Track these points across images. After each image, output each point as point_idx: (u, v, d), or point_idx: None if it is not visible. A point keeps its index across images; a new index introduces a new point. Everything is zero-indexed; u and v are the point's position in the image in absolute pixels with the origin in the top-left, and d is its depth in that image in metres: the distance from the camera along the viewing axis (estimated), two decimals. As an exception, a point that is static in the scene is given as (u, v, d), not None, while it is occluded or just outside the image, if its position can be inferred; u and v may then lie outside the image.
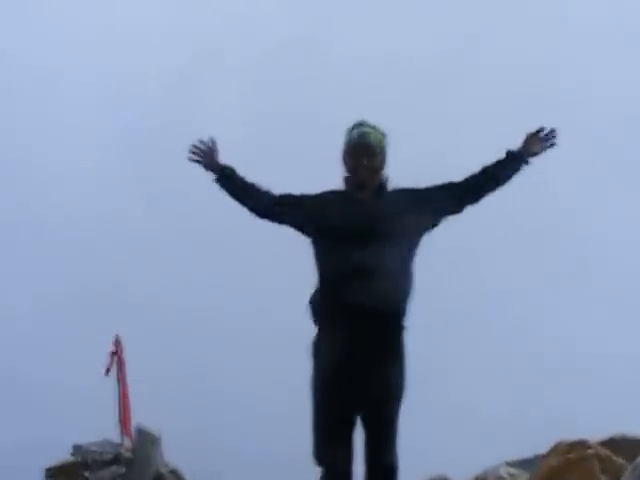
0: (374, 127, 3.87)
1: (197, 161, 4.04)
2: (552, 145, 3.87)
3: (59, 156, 7.86)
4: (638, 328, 6.82)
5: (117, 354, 6.59)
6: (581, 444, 4.98)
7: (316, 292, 3.80)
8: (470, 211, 3.90)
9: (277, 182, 3.88)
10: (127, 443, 6.77)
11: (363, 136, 3.80)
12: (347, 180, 3.85)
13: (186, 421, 7.13)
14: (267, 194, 3.96)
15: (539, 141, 3.85)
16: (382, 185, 3.84)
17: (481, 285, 6.92)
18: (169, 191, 7.03)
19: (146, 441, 6.53)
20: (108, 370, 6.67)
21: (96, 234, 7.62)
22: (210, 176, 4.01)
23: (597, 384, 6.71)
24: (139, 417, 6.69)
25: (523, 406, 6.73)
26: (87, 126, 7.36)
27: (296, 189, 3.91)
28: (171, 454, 6.72)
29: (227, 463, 6.93)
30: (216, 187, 4.00)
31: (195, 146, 4.03)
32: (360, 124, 3.88)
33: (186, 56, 7.41)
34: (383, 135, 3.88)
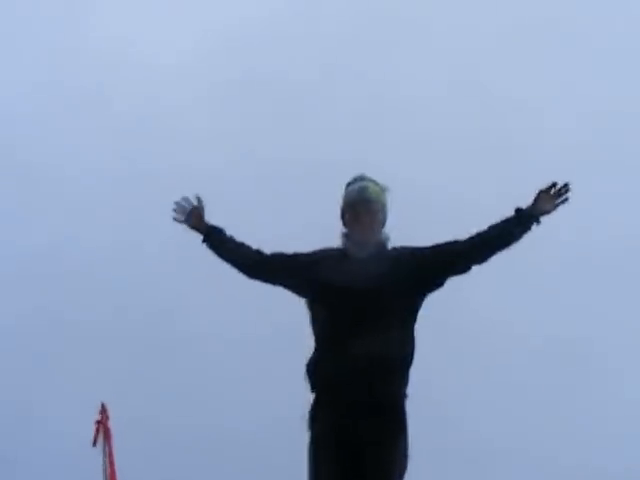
0: (375, 181, 3.68)
1: (182, 220, 3.83)
2: (565, 201, 3.62)
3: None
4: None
5: (102, 422, 6.23)
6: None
7: (313, 360, 3.57)
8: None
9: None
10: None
11: (364, 191, 3.60)
12: (346, 237, 3.63)
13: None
14: (258, 254, 3.74)
15: (551, 198, 3.61)
16: (383, 243, 3.62)
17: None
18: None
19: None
20: (95, 441, 6.30)
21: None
22: (196, 236, 3.78)
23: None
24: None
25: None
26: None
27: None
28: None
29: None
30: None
31: (179, 204, 3.83)
32: (360, 178, 3.69)
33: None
34: (384, 190, 3.68)
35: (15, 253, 6.98)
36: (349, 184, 3.70)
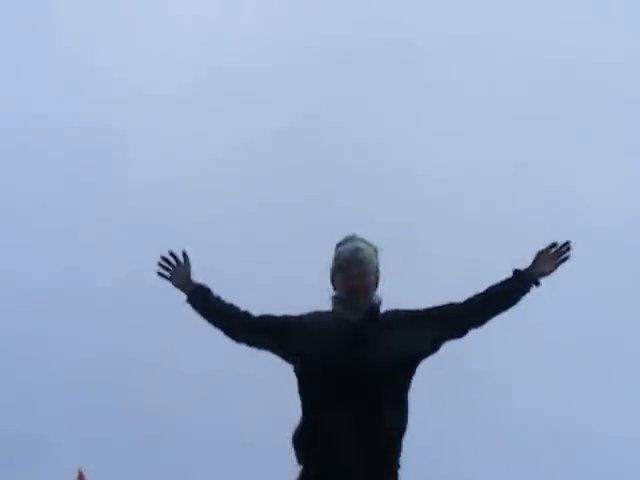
0: (367, 242, 3.51)
1: (166, 277, 3.65)
2: (565, 260, 3.51)
3: None
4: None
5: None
6: None
7: (300, 430, 3.38)
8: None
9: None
10: None
11: (356, 252, 3.41)
12: (336, 300, 3.44)
13: None
14: (245, 315, 3.55)
15: (551, 259, 3.49)
16: (375, 307, 3.43)
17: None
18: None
19: None
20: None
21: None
22: (180, 295, 3.60)
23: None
24: None
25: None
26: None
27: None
28: None
29: None
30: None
31: (164, 259, 3.65)
32: (351, 238, 3.51)
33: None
34: (376, 251, 3.50)
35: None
36: (339, 244, 3.53)
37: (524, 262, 3.48)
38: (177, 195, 6.75)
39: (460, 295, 3.48)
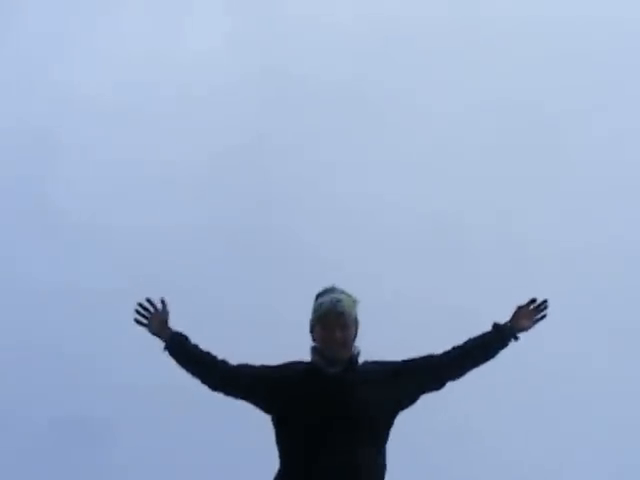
0: (347, 293, 3.49)
1: (143, 324, 3.61)
2: (543, 317, 3.55)
3: None
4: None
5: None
6: None
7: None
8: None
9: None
10: None
11: (337, 304, 3.40)
12: (316, 351, 3.42)
13: None
14: (223, 366, 3.50)
15: (530, 315, 3.53)
16: (354, 359, 3.42)
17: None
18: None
19: None
20: None
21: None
22: (158, 342, 3.55)
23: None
24: None
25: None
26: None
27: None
28: None
29: None
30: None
31: (142, 306, 3.61)
32: (331, 289, 3.50)
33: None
34: (355, 302, 3.48)
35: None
36: (319, 295, 3.52)
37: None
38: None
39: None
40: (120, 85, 6.96)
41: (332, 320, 3.37)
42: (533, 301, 3.54)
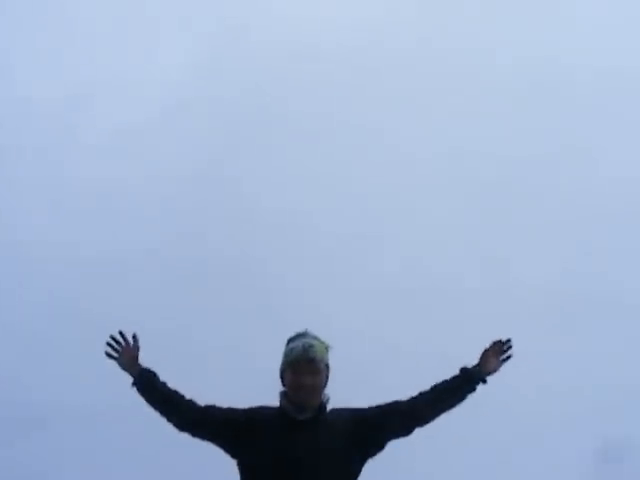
0: (319, 339, 3.48)
1: (113, 357, 3.61)
2: (508, 358, 3.56)
3: None
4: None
5: None
6: None
7: None
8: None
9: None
10: None
11: (308, 350, 3.38)
12: (285, 397, 3.41)
13: None
14: (191, 406, 3.49)
15: (496, 356, 3.54)
16: (323, 406, 3.41)
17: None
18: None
19: None
20: None
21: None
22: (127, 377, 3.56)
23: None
24: None
25: None
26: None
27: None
28: None
29: None
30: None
31: (113, 339, 3.62)
32: (304, 334, 3.49)
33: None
34: (327, 348, 3.47)
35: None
36: (291, 340, 3.51)
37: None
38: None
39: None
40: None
41: (303, 366, 3.36)
42: (498, 342, 3.55)
